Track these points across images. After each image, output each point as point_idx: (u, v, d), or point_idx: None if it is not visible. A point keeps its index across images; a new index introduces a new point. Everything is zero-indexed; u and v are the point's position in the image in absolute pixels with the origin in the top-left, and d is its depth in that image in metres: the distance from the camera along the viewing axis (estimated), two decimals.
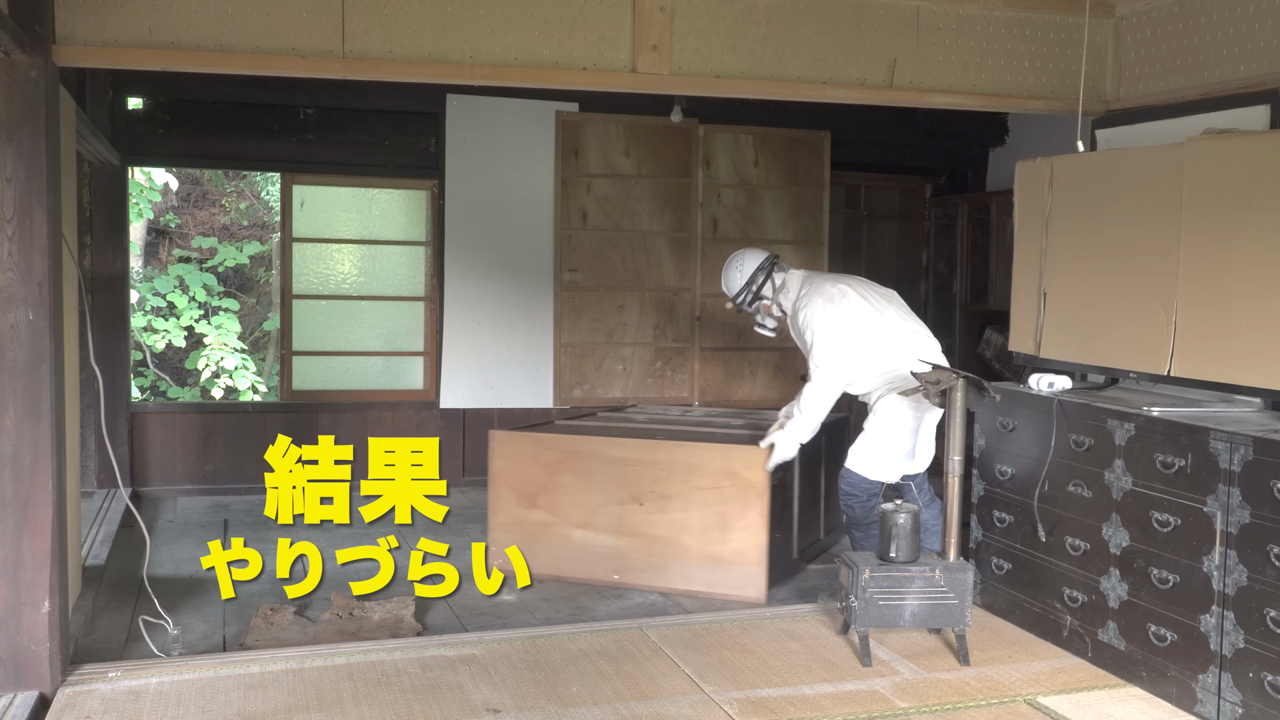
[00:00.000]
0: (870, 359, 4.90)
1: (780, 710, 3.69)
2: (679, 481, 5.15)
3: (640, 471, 5.23)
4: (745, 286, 5.07)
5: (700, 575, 5.13)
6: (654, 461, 5.21)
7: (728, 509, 5.06)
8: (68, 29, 3.88)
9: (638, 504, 5.23)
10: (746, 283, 5.07)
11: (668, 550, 5.19)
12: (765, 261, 5.08)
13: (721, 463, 5.09)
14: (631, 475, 5.24)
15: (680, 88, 4.74)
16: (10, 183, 3.64)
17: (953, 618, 4.16)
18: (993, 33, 4.88)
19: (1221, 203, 3.81)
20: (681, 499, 5.15)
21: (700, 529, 5.13)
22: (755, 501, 5.00)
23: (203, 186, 11.81)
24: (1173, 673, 3.76)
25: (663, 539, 5.20)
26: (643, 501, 5.22)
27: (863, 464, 4.88)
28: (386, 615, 4.62)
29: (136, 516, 4.76)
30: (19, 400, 3.68)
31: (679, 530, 5.16)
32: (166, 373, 10.89)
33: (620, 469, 5.27)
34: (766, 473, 4.96)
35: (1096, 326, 4.34)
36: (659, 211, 7.79)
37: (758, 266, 5.06)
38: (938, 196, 8.81)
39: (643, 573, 5.23)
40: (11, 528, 3.70)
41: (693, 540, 5.14)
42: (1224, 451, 3.55)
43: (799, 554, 5.56)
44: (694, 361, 7.91)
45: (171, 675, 3.93)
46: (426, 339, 7.75)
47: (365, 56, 4.18)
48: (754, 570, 5.03)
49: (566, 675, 3.97)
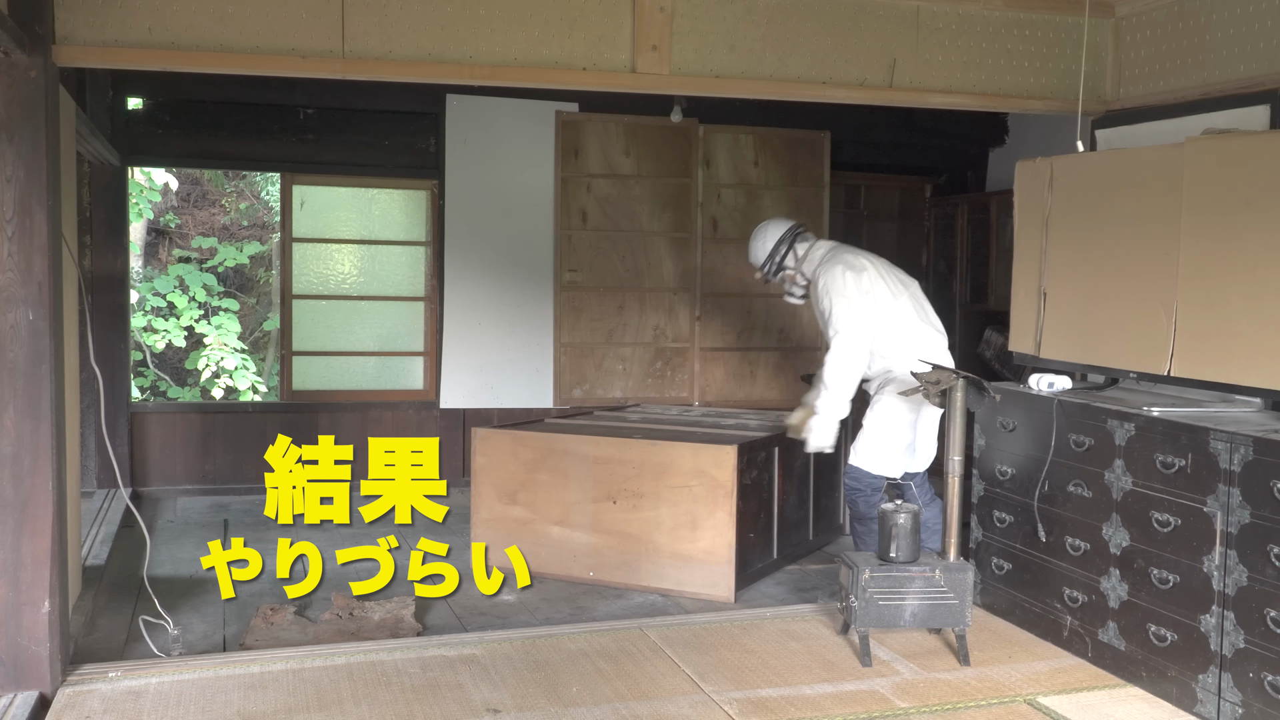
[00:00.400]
0: (877, 343, 4.88)
1: (780, 710, 3.69)
2: (650, 480, 5.19)
3: (614, 470, 5.27)
4: (769, 257, 5.09)
5: (671, 573, 5.14)
6: (626, 460, 5.25)
7: (697, 508, 5.09)
8: (68, 29, 3.88)
9: (611, 502, 5.28)
10: (770, 253, 5.09)
11: (640, 548, 5.22)
12: (787, 232, 5.09)
13: (691, 462, 5.11)
14: (605, 473, 5.29)
15: (680, 88, 4.74)
16: (10, 183, 3.64)
17: (953, 618, 4.16)
18: (992, 33, 4.88)
19: (1221, 203, 3.81)
20: (653, 497, 5.19)
21: (671, 527, 5.15)
22: (723, 501, 5.01)
23: (203, 186, 11.81)
24: (1173, 673, 3.76)
25: (635, 537, 5.24)
26: (616, 499, 5.26)
27: (866, 459, 4.88)
28: (386, 615, 4.62)
29: (136, 516, 4.76)
30: (19, 400, 3.68)
31: (650, 528, 5.20)
32: (166, 373, 10.89)
33: (594, 467, 5.33)
34: (735, 473, 4.96)
35: (1096, 326, 4.34)
36: (659, 211, 7.79)
37: (779, 238, 5.07)
38: (938, 196, 8.81)
39: (616, 570, 5.26)
40: (11, 528, 3.70)
41: (664, 538, 5.17)
42: (1224, 451, 3.55)
43: (781, 554, 5.52)
44: (694, 361, 7.91)
45: (171, 675, 3.93)
46: (426, 339, 7.75)
47: (365, 56, 4.18)
48: (723, 569, 5.04)
49: (566, 675, 3.97)
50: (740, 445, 5.09)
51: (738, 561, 5.05)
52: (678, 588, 5.13)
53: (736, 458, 5.00)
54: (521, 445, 5.52)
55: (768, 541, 5.43)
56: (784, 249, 5.07)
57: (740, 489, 5.04)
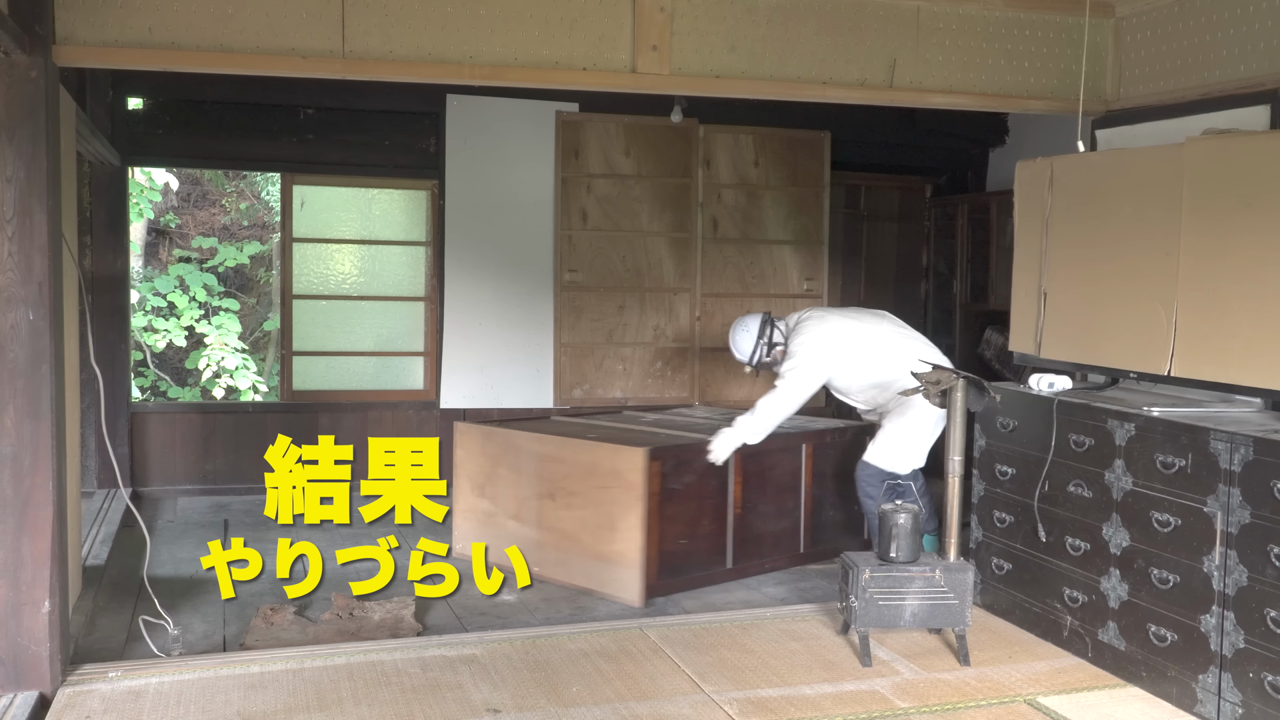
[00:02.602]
0: (872, 373, 5.19)
1: (780, 710, 3.69)
2: (580, 479, 5.24)
3: (554, 468, 5.35)
4: (757, 340, 5.36)
5: (594, 573, 5.16)
6: (562, 459, 5.33)
7: (615, 510, 5.10)
8: (68, 29, 3.88)
9: (551, 499, 5.36)
10: (757, 338, 5.35)
11: (571, 546, 5.26)
12: (765, 317, 5.41)
13: (610, 463, 5.13)
14: (548, 470, 5.37)
15: (680, 88, 4.74)
16: (10, 183, 3.64)
17: (953, 618, 4.16)
18: (993, 33, 4.88)
19: (1221, 203, 3.81)
20: (583, 496, 5.22)
21: (595, 527, 5.18)
22: (634, 504, 4.99)
23: (203, 186, 11.81)
24: (1173, 673, 3.76)
25: (568, 534, 5.29)
26: (555, 497, 5.34)
27: (879, 457, 5.16)
28: (386, 615, 4.62)
29: (136, 516, 4.76)
30: (19, 400, 3.68)
31: (579, 527, 5.24)
32: (167, 373, 10.89)
33: (540, 464, 5.43)
34: (645, 477, 4.98)
35: (1096, 327, 4.34)
36: (659, 211, 7.78)
37: (760, 322, 5.38)
38: (938, 196, 8.81)
39: (555, 566, 5.30)
40: (11, 528, 3.70)
41: (589, 538, 5.20)
42: (1224, 451, 3.55)
43: (740, 563, 5.40)
44: (694, 361, 7.90)
45: (171, 675, 3.93)
46: (426, 339, 7.75)
47: (365, 56, 4.18)
48: (631, 573, 5.01)
49: (566, 675, 3.97)
50: (654, 450, 5.04)
51: (657, 566, 5.04)
52: (599, 588, 5.13)
53: (646, 461, 4.96)
54: (488, 441, 5.70)
55: (716, 549, 5.33)
56: (769, 329, 5.37)
57: (662, 493, 5.04)
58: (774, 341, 5.36)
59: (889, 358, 5.17)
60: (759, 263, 7.99)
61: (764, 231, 7.99)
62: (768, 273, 8.02)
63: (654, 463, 5.00)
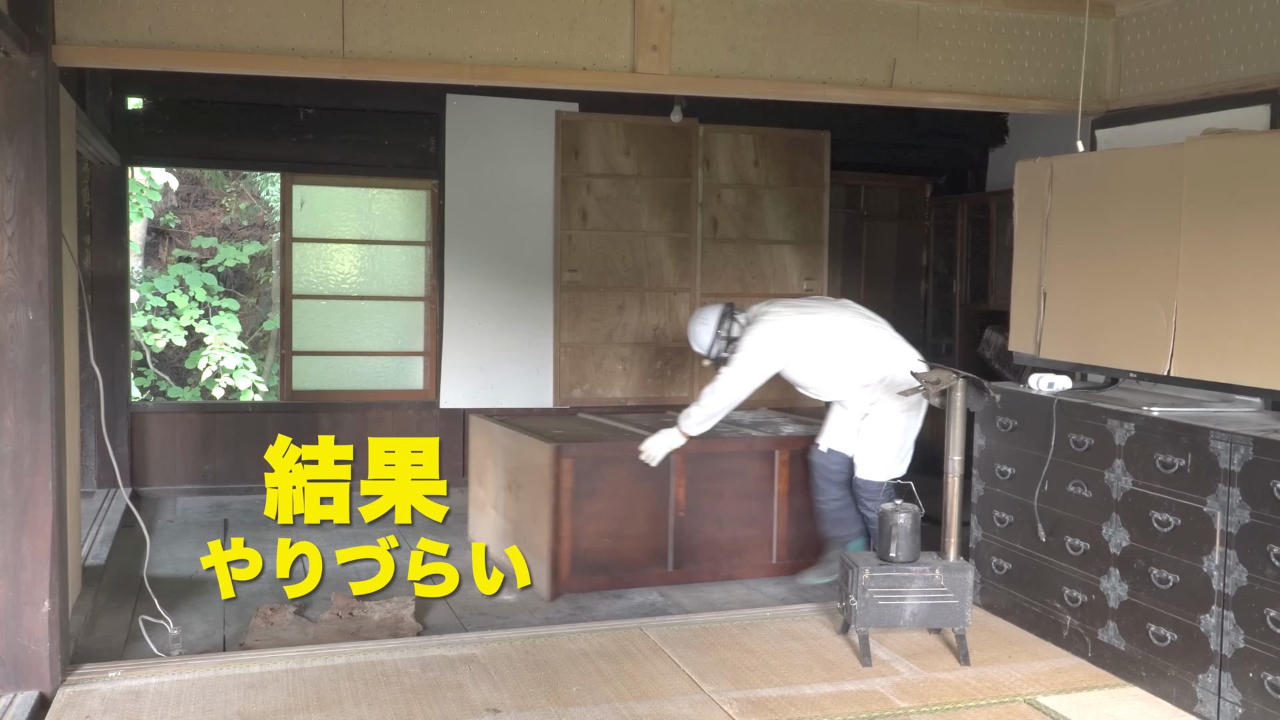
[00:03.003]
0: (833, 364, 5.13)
1: (780, 710, 3.69)
2: (525, 472, 5.38)
3: (513, 460, 5.58)
4: (715, 333, 5.24)
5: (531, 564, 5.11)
6: (516, 452, 5.53)
7: (536, 504, 5.21)
8: (68, 29, 3.88)
9: (509, 491, 5.54)
10: (715, 330, 5.24)
11: (519, 535, 5.38)
12: (725, 309, 5.30)
13: (534, 457, 5.23)
14: (512, 463, 5.59)
15: (680, 88, 4.74)
16: (10, 183, 3.64)
17: (953, 618, 4.16)
18: (993, 33, 4.88)
19: (1221, 203, 3.81)
20: (527, 489, 5.36)
21: (531, 519, 5.28)
22: (545, 498, 5.09)
23: (203, 186, 11.81)
24: (1173, 673, 3.77)
25: (518, 525, 5.45)
26: (512, 488, 5.52)
27: (869, 469, 5.14)
28: (386, 615, 4.62)
29: (136, 516, 4.76)
30: (19, 400, 3.68)
31: (524, 518, 5.39)
32: (166, 372, 10.89)
33: (506, 457, 5.66)
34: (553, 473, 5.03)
35: (1096, 326, 4.34)
36: (659, 211, 7.78)
37: (719, 315, 5.27)
38: (938, 196, 8.81)
39: None
40: (11, 528, 3.70)
41: (526, 529, 5.33)
42: (1224, 451, 3.55)
43: (683, 567, 5.32)
44: (694, 361, 7.90)
45: (171, 675, 3.93)
46: (426, 339, 7.75)
47: (365, 56, 4.18)
48: (541, 566, 5.07)
49: (566, 675, 3.97)
50: (563, 446, 5.07)
51: (569, 563, 5.08)
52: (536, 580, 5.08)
53: (553, 457, 5.02)
54: (485, 432, 6.00)
55: (653, 551, 5.27)
56: (727, 322, 5.26)
57: (577, 490, 5.07)
58: (732, 336, 5.24)
59: (851, 348, 5.09)
60: (759, 262, 7.99)
61: (764, 231, 7.99)
62: (767, 272, 8.02)
63: (565, 459, 5.06)
